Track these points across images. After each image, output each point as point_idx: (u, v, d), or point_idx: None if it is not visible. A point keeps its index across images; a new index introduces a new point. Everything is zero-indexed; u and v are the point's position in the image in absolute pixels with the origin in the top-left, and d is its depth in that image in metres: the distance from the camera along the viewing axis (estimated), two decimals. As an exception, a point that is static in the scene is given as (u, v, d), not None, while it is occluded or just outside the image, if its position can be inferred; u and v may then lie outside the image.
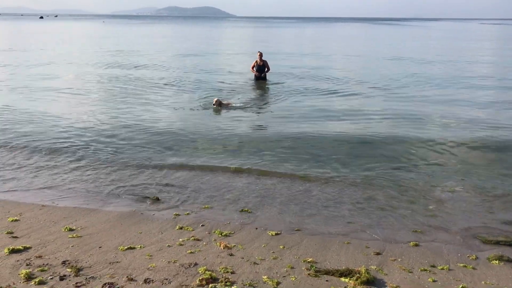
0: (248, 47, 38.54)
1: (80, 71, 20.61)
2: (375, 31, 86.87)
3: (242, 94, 15.26)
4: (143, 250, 4.95)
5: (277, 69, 19.59)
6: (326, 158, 8.52)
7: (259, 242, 5.25)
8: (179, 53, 31.40)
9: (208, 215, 6.06)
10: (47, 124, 10.90)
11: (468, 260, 4.89)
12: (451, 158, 8.55)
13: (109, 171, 7.76)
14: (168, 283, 4.21)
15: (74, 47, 35.81)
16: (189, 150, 8.91)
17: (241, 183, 7.27)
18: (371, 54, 32.73)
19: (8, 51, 30.70)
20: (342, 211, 6.26)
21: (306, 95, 15.28)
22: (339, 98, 14.87)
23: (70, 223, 5.64)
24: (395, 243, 5.29)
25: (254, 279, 4.32)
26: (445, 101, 14.24)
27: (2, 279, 4.18)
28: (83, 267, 4.47)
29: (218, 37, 59.26)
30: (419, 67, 23.40)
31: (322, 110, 12.93)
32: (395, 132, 10.36)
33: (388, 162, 8.23)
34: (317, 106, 13.37)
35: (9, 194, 6.70)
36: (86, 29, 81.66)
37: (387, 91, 15.98)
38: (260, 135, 10.15)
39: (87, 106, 13.15)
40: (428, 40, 54.92)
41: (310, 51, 35.33)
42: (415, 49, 38.02)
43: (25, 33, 59.69)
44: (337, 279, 4.37)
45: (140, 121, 11.27)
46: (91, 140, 9.45)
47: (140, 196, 6.66)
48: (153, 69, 21.63)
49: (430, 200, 6.62)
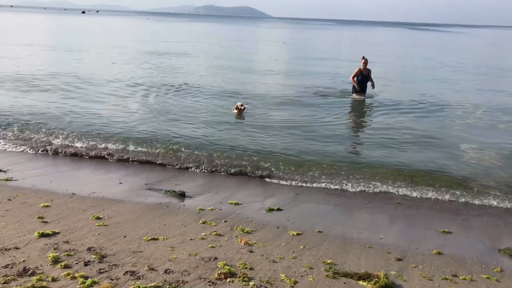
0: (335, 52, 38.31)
1: (124, 72, 21.07)
2: (425, 36, 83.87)
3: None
4: (166, 241, 5.07)
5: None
6: (359, 161, 8.49)
7: (280, 241, 5.28)
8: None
9: (232, 211, 6.13)
10: (88, 118, 11.21)
11: (492, 272, 4.78)
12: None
13: (139, 166, 7.96)
14: (188, 274, 4.29)
15: (139, 45, 36.65)
16: (215, 148, 8.99)
17: (267, 184, 7.33)
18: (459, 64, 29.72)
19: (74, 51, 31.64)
20: (367, 215, 6.23)
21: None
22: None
23: (98, 212, 5.82)
24: (418, 250, 5.22)
25: (271, 277, 4.36)
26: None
27: (31, 261, 4.36)
28: (107, 255, 4.61)
29: (291, 40, 57.42)
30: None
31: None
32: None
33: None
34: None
35: (42, 180, 6.96)
36: (138, 25, 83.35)
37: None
38: (290, 138, 10.14)
39: (126, 104, 13.36)
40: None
41: (392, 56, 34.14)
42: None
43: (93, 29, 61.43)
44: (355, 282, 4.36)
45: (179, 120, 11.41)
46: (124, 137, 9.62)
47: (167, 191, 6.79)
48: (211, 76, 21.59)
49: (459, 208, 6.52)
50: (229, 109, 12.38)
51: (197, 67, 21.81)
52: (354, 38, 69.42)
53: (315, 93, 15.64)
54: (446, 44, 58.72)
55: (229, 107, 12.58)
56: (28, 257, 4.43)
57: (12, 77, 15.97)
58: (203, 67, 21.87)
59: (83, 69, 19.34)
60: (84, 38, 40.40)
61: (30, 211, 5.69)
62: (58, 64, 20.54)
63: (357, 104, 14.06)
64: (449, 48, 50.87)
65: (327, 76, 20.36)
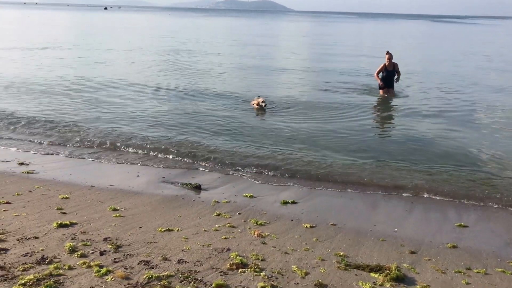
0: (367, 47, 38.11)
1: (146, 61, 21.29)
2: (458, 29, 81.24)
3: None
4: (180, 233, 5.15)
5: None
6: (375, 154, 8.45)
7: (293, 233, 5.31)
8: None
9: (246, 204, 6.19)
10: (106, 113, 11.42)
11: (508, 265, 4.72)
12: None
13: (155, 158, 8.09)
14: (200, 265, 4.36)
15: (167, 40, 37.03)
16: (233, 142, 9.06)
17: (282, 176, 7.35)
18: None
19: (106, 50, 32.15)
20: (382, 209, 6.21)
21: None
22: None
23: (115, 204, 5.94)
24: (432, 244, 5.18)
25: (283, 268, 4.39)
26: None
27: (49, 250, 4.49)
28: (122, 245, 4.72)
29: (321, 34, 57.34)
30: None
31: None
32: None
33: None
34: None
35: (62, 173, 7.13)
36: (161, 21, 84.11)
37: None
38: (310, 132, 10.13)
39: (146, 98, 13.52)
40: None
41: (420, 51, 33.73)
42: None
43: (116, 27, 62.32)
44: (367, 274, 4.36)
45: (199, 114, 11.50)
46: (142, 130, 9.81)
47: (183, 183, 6.88)
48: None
49: (476, 203, 6.44)
50: (248, 101, 12.38)
51: (220, 67, 21.75)
52: (382, 31, 68.54)
53: (339, 88, 15.52)
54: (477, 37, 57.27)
55: (249, 99, 12.57)
56: (46, 247, 4.56)
57: (31, 81, 15.55)
58: (225, 67, 21.85)
59: (108, 71, 19.57)
60: (111, 35, 40.93)
61: (50, 203, 5.84)
62: (84, 66, 20.79)
63: (381, 101, 13.76)
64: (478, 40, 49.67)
65: (354, 72, 20.07)
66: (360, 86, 15.91)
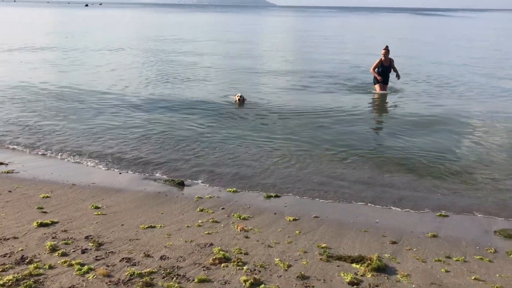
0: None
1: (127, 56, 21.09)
2: (443, 22, 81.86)
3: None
4: (162, 229, 5.13)
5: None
6: (353, 141, 8.54)
7: (276, 226, 5.33)
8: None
9: (230, 199, 6.19)
10: (93, 109, 11.30)
11: (485, 253, 4.80)
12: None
13: (138, 155, 8.01)
14: (183, 260, 4.36)
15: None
16: (216, 137, 9.05)
17: (265, 171, 7.35)
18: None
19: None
20: (364, 201, 6.26)
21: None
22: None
23: (97, 202, 5.89)
24: (413, 233, 5.24)
25: (266, 261, 4.41)
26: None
27: (28, 250, 4.44)
28: (104, 242, 4.69)
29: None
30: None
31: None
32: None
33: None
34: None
35: (42, 172, 7.05)
36: (144, 17, 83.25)
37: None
38: (293, 122, 10.16)
39: (124, 103, 13.46)
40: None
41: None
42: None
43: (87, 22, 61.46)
44: (349, 264, 4.40)
45: (178, 105, 11.49)
46: (124, 125, 9.75)
47: (165, 180, 6.85)
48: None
49: (457, 193, 6.54)
50: (232, 102, 12.36)
51: (204, 68, 21.65)
52: (364, 25, 68.94)
53: (329, 83, 15.63)
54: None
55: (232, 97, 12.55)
56: (26, 246, 4.51)
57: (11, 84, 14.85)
58: (210, 68, 21.74)
59: (88, 75, 19.35)
60: (89, 35, 40.43)
61: (30, 202, 5.77)
62: (66, 68, 20.52)
63: (376, 96, 13.48)
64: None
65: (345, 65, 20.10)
66: (344, 81, 16.00)
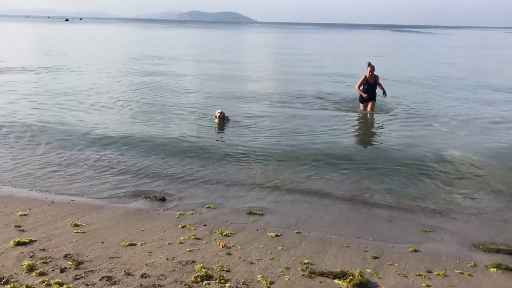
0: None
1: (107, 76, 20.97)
2: (425, 39, 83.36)
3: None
4: (143, 246, 5.07)
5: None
6: (334, 158, 8.59)
7: (258, 242, 5.31)
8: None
9: (212, 215, 6.15)
10: (67, 124, 11.17)
11: (465, 267, 4.86)
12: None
13: (118, 172, 7.91)
14: (164, 278, 4.31)
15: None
16: (198, 153, 9.02)
17: (248, 187, 7.34)
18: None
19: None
20: (346, 216, 6.30)
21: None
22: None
23: (76, 219, 5.80)
24: (395, 248, 5.29)
25: (248, 278, 4.39)
26: None
27: (5, 270, 4.34)
28: (83, 261, 4.61)
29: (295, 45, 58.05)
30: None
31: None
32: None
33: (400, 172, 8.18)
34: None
35: (20, 189, 6.91)
36: (124, 33, 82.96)
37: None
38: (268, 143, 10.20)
39: (105, 110, 13.37)
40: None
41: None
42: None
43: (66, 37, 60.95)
44: (331, 280, 4.41)
45: (156, 125, 11.45)
46: (104, 143, 9.64)
47: (146, 196, 6.79)
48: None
49: (436, 207, 6.61)
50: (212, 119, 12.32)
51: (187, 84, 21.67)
52: (345, 42, 69.99)
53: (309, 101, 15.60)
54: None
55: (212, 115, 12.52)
56: (2, 266, 4.40)
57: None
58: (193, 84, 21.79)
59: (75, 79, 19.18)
60: (69, 51, 40.13)
61: (7, 220, 5.65)
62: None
63: (360, 115, 13.19)
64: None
65: (328, 82, 20.26)
66: (327, 97, 16.07)
